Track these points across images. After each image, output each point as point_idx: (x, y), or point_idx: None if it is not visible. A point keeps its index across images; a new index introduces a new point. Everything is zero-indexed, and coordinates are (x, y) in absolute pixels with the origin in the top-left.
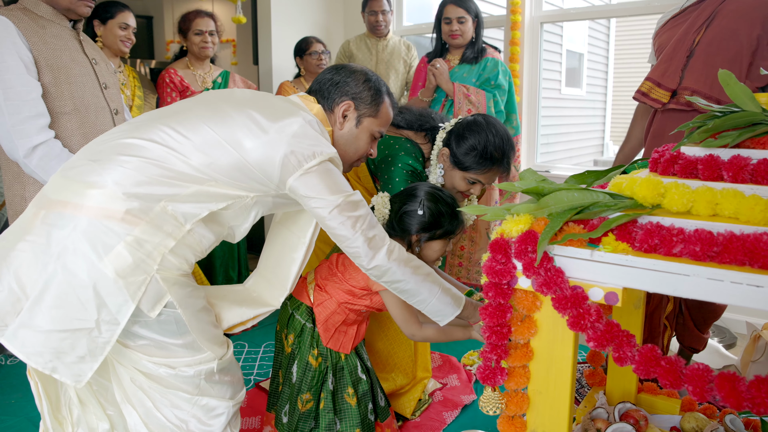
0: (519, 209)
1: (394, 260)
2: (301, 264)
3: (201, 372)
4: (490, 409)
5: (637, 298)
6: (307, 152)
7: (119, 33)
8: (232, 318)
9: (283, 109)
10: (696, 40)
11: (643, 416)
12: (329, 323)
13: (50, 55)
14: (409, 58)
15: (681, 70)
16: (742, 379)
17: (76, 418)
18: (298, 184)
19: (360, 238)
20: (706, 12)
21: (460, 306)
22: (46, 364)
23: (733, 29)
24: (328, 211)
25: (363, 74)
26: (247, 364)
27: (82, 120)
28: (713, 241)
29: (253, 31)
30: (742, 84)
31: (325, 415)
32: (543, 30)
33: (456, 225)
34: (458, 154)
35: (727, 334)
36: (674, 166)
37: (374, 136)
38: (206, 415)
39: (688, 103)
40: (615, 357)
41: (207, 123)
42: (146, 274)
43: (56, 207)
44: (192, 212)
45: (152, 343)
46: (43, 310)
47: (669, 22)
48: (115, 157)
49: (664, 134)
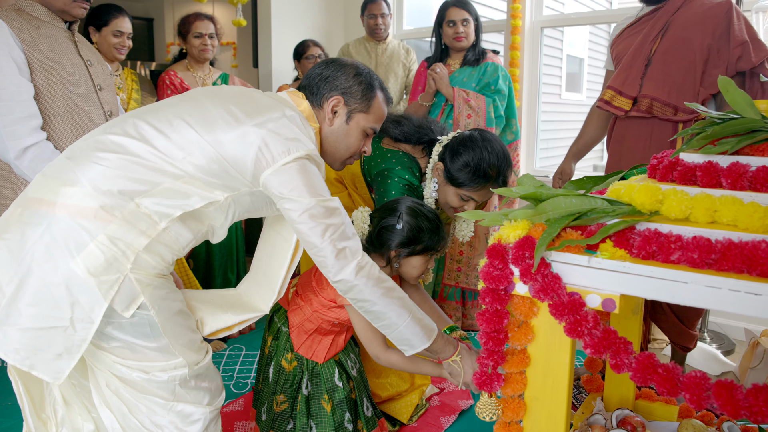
0: (516, 215)
1: (362, 277)
2: (289, 267)
3: (175, 377)
4: (487, 415)
5: (635, 304)
6: (281, 147)
7: (113, 41)
8: (215, 323)
9: (263, 104)
10: (653, 50)
11: (641, 423)
12: (301, 330)
13: (43, 56)
14: (409, 62)
15: (640, 78)
16: (740, 387)
17: (61, 419)
18: (271, 180)
19: (328, 247)
20: (660, 22)
21: (431, 338)
22: (23, 361)
23: (686, 39)
24: (298, 214)
25: (353, 68)
26: (245, 368)
27: (75, 121)
28: (711, 249)
29: (253, 34)
30: (742, 91)
31: (300, 418)
32: (543, 35)
33: (437, 241)
34: (452, 170)
35: (726, 340)
36: (673, 172)
37: (366, 132)
38: (183, 421)
39: (648, 110)
40: (612, 364)
41: (184, 117)
42: (119, 273)
43: (33, 205)
44: (165, 212)
45: (125, 346)
46: (19, 307)
47: (625, 31)
48: (90, 154)
49: (626, 140)
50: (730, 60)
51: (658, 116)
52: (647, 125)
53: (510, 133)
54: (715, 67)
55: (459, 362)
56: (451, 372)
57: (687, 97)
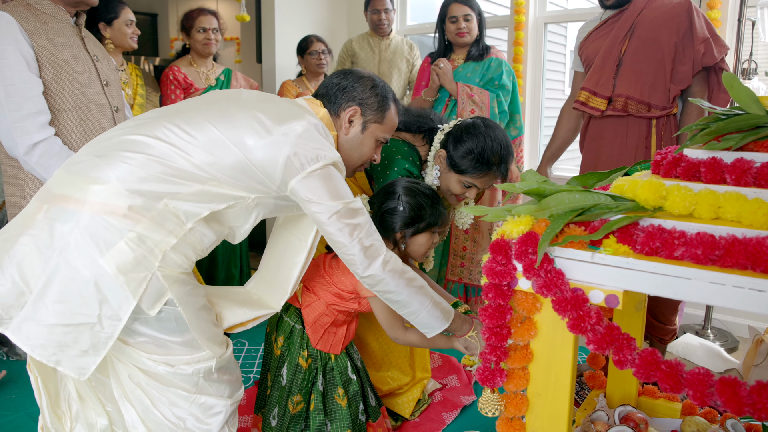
0: (520, 210)
1: (389, 271)
2: (302, 268)
3: (200, 370)
4: (490, 410)
5: (638, 300)
6: (310, 155)
7: (127, 31)
8: (233, 318)
9: (288, 111)
10: (622, 50)
11: (644, 419)
12: (318, 325)
13: (52, 51)
14: (412, 57)
15: (612, 78)
16: (743, 384)
17: (75, 413)
18: (299, 186)
19: (356, 246)
20: (627, 24)
21: (449, 320)
22: (50, 357)
23: (654, 38)
24: (327, 217)
25: (370, 80)
26: (247, 362)
27: (82, 117)
28: (715, 245)
29: (256, 29)
30: (747, 87)
31: (315, 417)
32: (547, 30)
33: (438, 215)
34: (455, 156)
35: (729, 337)
36: (677, 168)
37: (379, 141)
38: (204, 413)
39: (624, 108)
40: (615, 360)
41: (212, 122)
42: (147, 271)
43: (59, 202)
44: (193, 211)
45: (152, 341)
46: (47, 304)
47: (592, 34)
48: (119, 154)
49: (602, 138)
50: (696, 56)
51: (633, 114)
52: (623, 123)
53: (514, 128)
54: (682, 64)
55: (476, 337)
56: (467, 346)
57: (659, 94)
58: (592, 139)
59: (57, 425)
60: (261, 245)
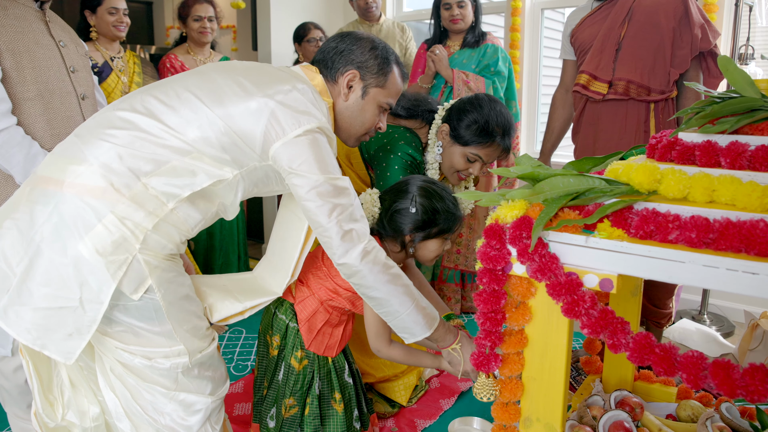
0: (514, 195)
1: (367, 262)
2: (303, 248)
3: (178, 365)
4: (485, 395)
5: (633, 285)
6: (291, 120)
7: (110, 19)
8: (225, 310)
9: (274, 76)
10: (621, 34)
11: (639, 404)
12: (311, 324)
13: (10, 38)
14: (405, 40)
15: (612, 62)
16: (737, 367)
17: (67, 400)
18: (281, 152)
19: (334, 228)
20: (624, 9)
21: (432, 328)
22: (35, 341)
23: (653, 23)
24: (306, 191)
25: (369, 41)
26: (245, 350)
27: (46, 105)
28: (709, 228)
29: (252, 16)
30: (743, 70)
31: (310, 422)
32: (544, 16)
33: (453, 222)
34: (459, 128)
35: (725, 322)
36: (671, 152)
37: (383, 107)
38: (185, 410)
39: (625, 92)
40: (609, 344)
41: (192, 90)
42: (128, 254)
43: (41, 184)
44: (172, 192)
45: (128, 330)
46: (30, 287)
47: (587, 20)
48: (97, 132)
49: (600, 122)
50: (693, 41)
51: (634, 98)
52: (622, 107)
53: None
54: (680, 48)
55: (459, 350)
56: (450, 361)
57: (659, 78)
58: (589, 123)
59: (48, 411)
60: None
